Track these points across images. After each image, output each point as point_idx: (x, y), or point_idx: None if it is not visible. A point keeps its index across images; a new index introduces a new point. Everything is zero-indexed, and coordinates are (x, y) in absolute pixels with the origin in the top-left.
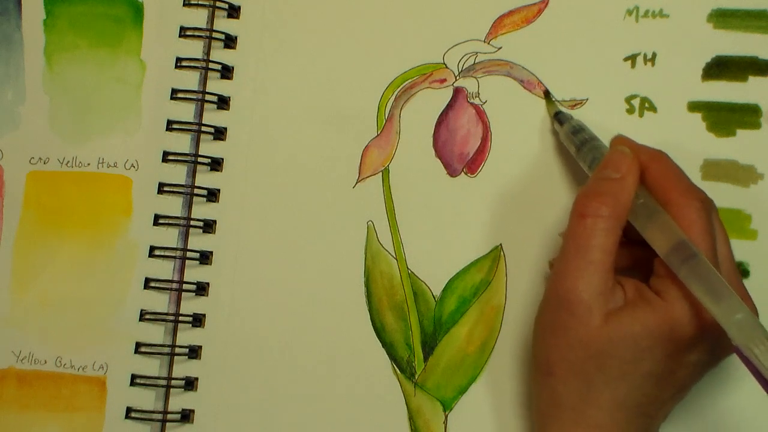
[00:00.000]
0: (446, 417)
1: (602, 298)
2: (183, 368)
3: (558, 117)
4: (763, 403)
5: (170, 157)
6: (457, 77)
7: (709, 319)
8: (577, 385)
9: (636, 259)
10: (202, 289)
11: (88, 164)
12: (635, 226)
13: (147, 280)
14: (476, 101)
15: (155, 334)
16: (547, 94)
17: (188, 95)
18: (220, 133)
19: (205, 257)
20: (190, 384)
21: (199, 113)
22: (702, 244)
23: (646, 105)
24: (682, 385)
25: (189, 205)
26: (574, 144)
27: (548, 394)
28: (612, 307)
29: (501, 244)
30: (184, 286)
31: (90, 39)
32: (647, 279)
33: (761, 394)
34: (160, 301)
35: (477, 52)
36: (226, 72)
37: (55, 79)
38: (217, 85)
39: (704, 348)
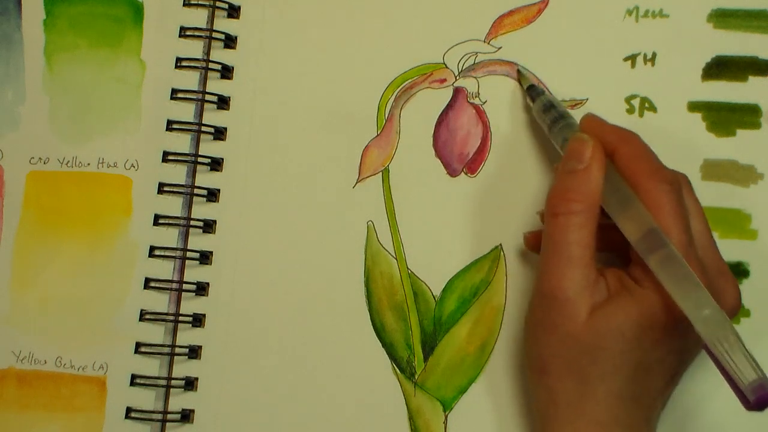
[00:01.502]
0: (446, 417)
1: (586, 292)
2: (183, 368)
3: (530, 92)
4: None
5: (170, 157)
6: (457, 77)
7: None
8: (572, 381)
9: (613, 243)
10: (202, 289)
11: (88, 164)
12: (608, 212)
13: (147, 280)
14: (476, 101)
15: (155, 334)
16: (518, 68)
17: (188, 95)
18: (220, 133)
19: (205, 257)
20: (190, 384)
21: (199, 113)
22: (673, 229)
23: (646, 105)
24: (675, 372)
25: (189, 205)
26: (545, 122)
27: (545, 393)
28: (597, 300)
29: (501, 244)
30: (184, 286)
31: (90, 39)
32: (626, 262)
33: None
34: (160, 301)
35: (477, 52)
36: (226, 72)
37: (55, 79)
38: (217, 85)
39: (687, 333)
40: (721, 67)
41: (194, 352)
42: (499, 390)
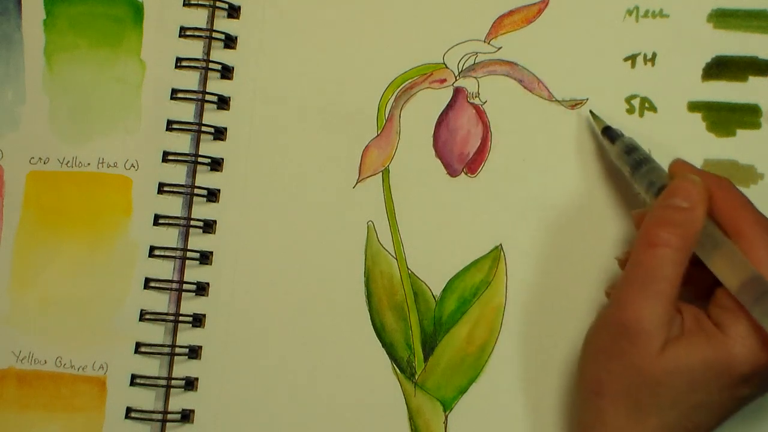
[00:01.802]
0: (446, 417)
1: (664, 328)
2: (183, 368)
3: (608, 134)
4: None
5: (170, 157)
6: (457, 77)
7: None
8: (626, 408)
9: (689, 277)
10: (202, 289)
11: (88, 164)
12: (699, 255)
13: (147, 280)
14: (476, 101)
15: (155, 334)
16: (591, 112)
17: (188, 95)
18: (220, 133)
19: (205, 257)
20: (190, 384)
21: (199, 113)
22: None
23: (646, 105)
24: (730, 413)
25: (189, 205)
26: (627, 163)
27: (594, 413)
28: (670, 336)
29: (501, 244)
30: (184, 286)
31: (90, 39)
32: (698, 298)
33: None
34: (160, 301)
35: (477, 52)
36: (226, 72)
37: (55, 79)
38: (217, 85)
39: (757, 383)
40: (721, 67)
41: (194, 352)
42: (499, 390)
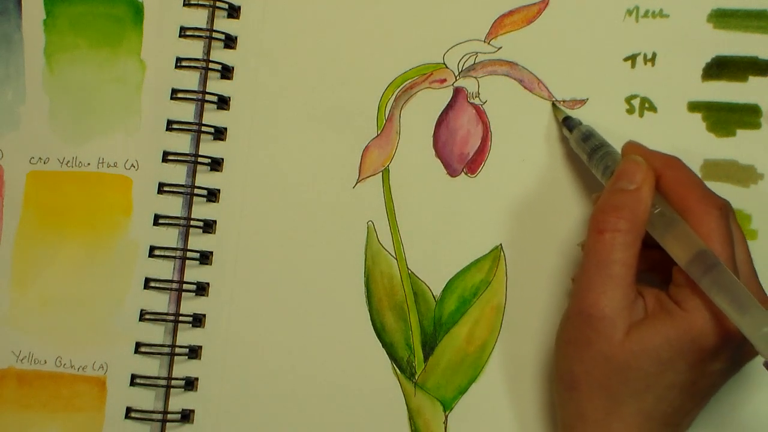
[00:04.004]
0: (446, 417)
1: (625, 312)
2: (183, 368)
3: (567, 123)
4: None
5: (170, 157)
6: (457, 77)
7: (731, 328)
8: (602, 399)
9: (653, 262)
10: (202, 289)
11: (88, 164)
12: (653, 235)
13: (147, 280)
14: (476, 101)
15: (155, 334)
16: (553, 101)
17: (188, 95)
18: (220, 133)
19: (205, 257)
20: (190, 384)
21: (199, 113)
22: (722, 253)
23: (646, 105)
24: (705, 394)
25: (189, 205)
26: (584, 151)
27: (573, 408)
28: (634, 320)
29: (501, 244)
30: (184, 286)
31: (90, 39)
32: (664, 282)
33: None
34: (160, 301)
35: (477, 52)
36: (226, 72)
37: (55, 79)
38: (217, 85)
39: (726, 356)
40: (721, 67)
41: (194, 352)
42: (499, 390)
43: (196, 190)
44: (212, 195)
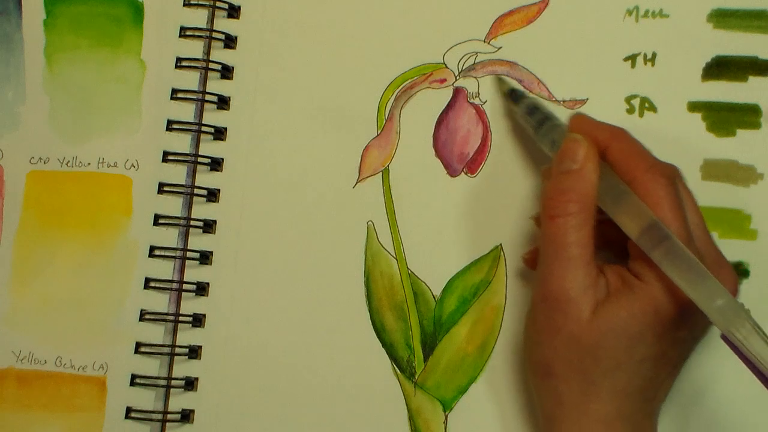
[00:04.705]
0: (446, 417)
1: (589, 291)
2: (183, 368)
3: (512, 95)
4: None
5: (170, 157)
6: (457, 77)
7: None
8: (577, 381)
9: (611, 238)
10: (202, 289)
11: (88, 164)
12: (604, 210)
13: (147, 280)
14: (476, 101)
15: (155, 334)
16: (499, 78)
17: (188, 95)
18: (220, 133)
19: (205, 257)
20: (190, 384)
21: (199, 113)
22: (673, 222)
23: (646, 105)
24: (676, 363)
25: (189, 205)
26: (530, 125)
27: (550, 395)
28: (599, 299)
29: (501, 244)
30: (184, 286)
31: (90, 39)
32: (625, 257)
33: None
34: (160, 301)
35: (477, 52)
36: (226, 72)
37: (55, 79)
38: (217, 85)
39: (690, 324)
40: (721, 67)
41: (194, 352)
42: (499, 390)
43: (196, 190)
44: (212, 195)
